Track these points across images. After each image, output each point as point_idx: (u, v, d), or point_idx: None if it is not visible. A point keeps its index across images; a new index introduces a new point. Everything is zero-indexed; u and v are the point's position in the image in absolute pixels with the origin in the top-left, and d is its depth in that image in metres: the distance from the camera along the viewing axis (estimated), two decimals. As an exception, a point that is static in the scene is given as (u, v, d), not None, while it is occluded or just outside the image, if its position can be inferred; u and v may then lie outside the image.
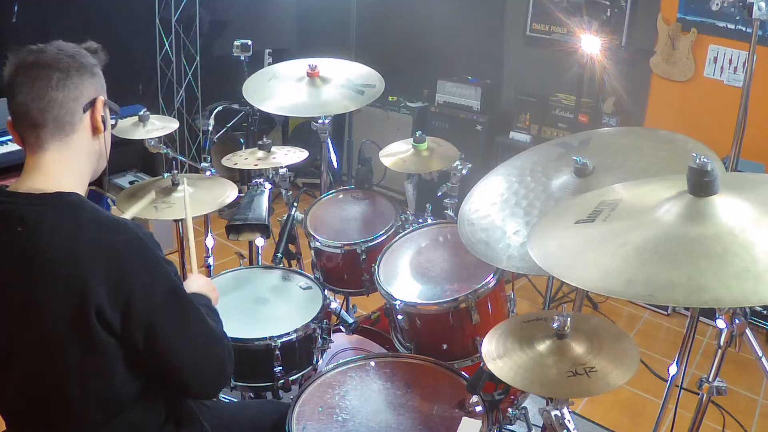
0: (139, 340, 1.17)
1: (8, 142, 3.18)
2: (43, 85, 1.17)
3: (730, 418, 2.62)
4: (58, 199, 1.17)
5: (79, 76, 1.21)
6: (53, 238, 1.13)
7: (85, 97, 1.23)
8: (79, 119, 1.23)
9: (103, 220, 1.18)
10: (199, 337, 1.26)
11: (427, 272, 1.91)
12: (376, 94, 2.33)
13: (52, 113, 1.19)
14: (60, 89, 1.19)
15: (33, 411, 1.24)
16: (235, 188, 2.08)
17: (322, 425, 1.49)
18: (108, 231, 1.16)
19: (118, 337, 1.17)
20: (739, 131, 2.04)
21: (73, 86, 1.20)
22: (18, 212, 1.15)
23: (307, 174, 4.29)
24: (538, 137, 3.85)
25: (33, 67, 1.18)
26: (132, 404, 1.26)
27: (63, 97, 1.19)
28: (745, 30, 3.22)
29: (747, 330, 1.44)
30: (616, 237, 1.10)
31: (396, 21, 4.28)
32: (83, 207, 1.18)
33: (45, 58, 1.19)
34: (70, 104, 1.20)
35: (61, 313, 1.13)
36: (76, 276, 1.12)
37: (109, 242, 1.15)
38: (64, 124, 1.20)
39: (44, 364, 1.18)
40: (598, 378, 1.25)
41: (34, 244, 1.13)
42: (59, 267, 1.12)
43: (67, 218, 1.15)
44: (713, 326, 2.45)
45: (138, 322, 1.16)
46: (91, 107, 1.24)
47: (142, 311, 1.16)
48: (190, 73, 4.29)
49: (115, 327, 1.15)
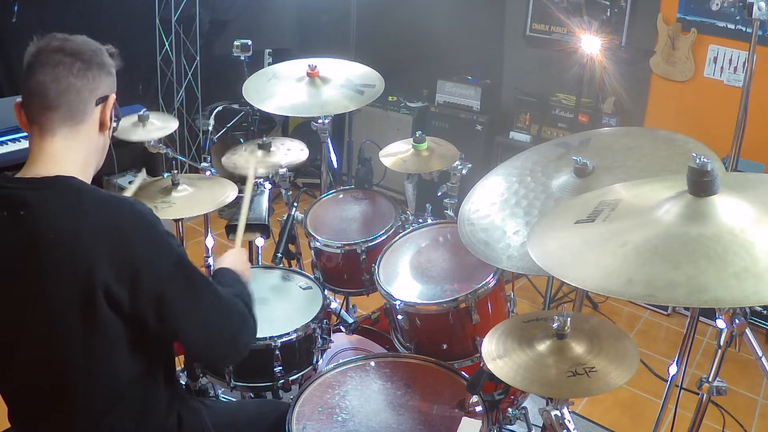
0: (150, 314, 1.19)
1: (8, 142, 3.18)
2: (66, 70, 1.21)
3: (730, 418, 2.62)
4: (59, 182, 1.19)
5: (98, 70, 1.25)
6: (57, 221, 1.15)
7: (100, 91, 1.26)
8: (91, 110, 1.26)
9: (104, 198, 1.20)
10: (208, 307, 1.28)
11: (427, 272, 1.91)
12: (376, 94, 2.33)
13: (67, 98, 1.22)
14: (80, 77, 1.22)
15: (36, 397, 1.25)
16: (235, 188, 2.07)
17: (322, 425, 1.49)
18: (109, 209, 1.19)
19: (125, 316, 1.18)
20: (739, 131, 2.04)
21: (92, 77, 1.24)
22: (21, 197, 1.17)
23: (307, 174, 4.29)
24: (538, 137, 3.85)
25: (58, 52, 1.21)
26: (133, 396, 1.27)
27: (81, 85, 1.22)
28: (745, 30, 3.22)
29: (747, 330, 1.44)
30: (616, 237, 1.10)
31: (396, 21, 4.28)
32: (84, 189, 1.20)
33: (71, 45, 1.23)
34: (86, 94, 1.24)
35: (67, 295, 1.15)
36: (82, 257, 1.13)
37: (111, 220, 1.17)
38: (76, 112, 1.23)
39: (48, 349, 1.19)
40: (598, 378, 1.25)
41: (38, 227, 1.15)
42: (64, 249, 1.14)
43: (69, 200, 1.17)
44: (713, 326, 2.45)
45: (147, 297, 1.18)
46: (103, 102, 1.27)
47: (149, 285, 1.17)
48: (190, 73, 4.29)
49: (124, 304, 1.16)
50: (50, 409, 1.26)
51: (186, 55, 4.26)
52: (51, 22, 3.51)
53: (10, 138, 3.20)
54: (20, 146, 3.16)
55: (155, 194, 2.00)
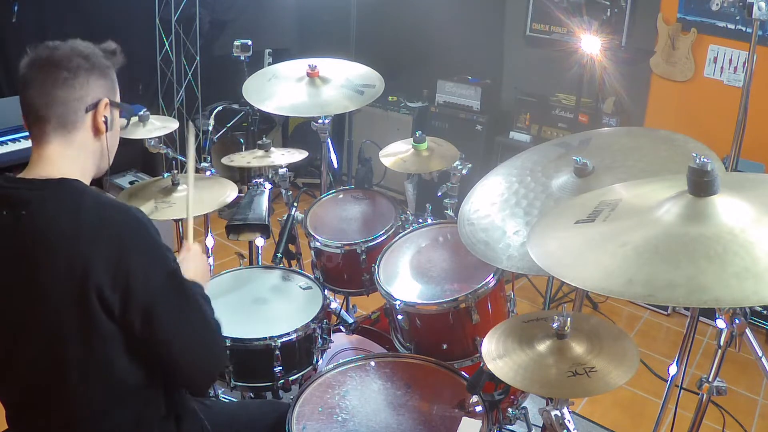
0: (137, 323, 1.19)
1: (8, 142, 3.19)
2: (50, 83, 1.21)
3: (730, 418, 2.62)
4: (62, 184, 1.20)
5: (86, 76, 1.24)
6: (56, 221, 1.15)
7: (90, 98, 1.25)
8: (82, 118, 1.25)
9: (105, 202, 1.21)
10: (194, 324, 1.27)
11: (427, 272, 1.91)
12: (376, 94, 2.32)
13: (55, 110, 1.22)
14: (65, 88, 1.22)
15: (33, 399, 1.25)
16: (235, 188, 2.08)
17: (322, 425, 1.49)
18: (109, 212, 1.19)
19: (116, 321, 1.18)
20: (739, 131, 2.04)
21: (78, 86, 1.23)
22: (22, 196, 1.17)
23: (307, 174, 4.29)
24: (538, 137, 3.85)
25: (45, 64, 1.22)
26: (132, 397, 1.27)
27: (67, 96, 1.22)
28: (745, 30, 3.22)
29: (747, 330, 1.44)
30: (616, 237, 1.10)
31: (396, 21, 4.28)
32: (85, 191, 1.21)
33: (57, 55, 1.22)
34: (73, 103, 1.23)
35: (64, 296, 1.15)
36: (78, 257, 1.13)
37: (110, 223, 1.17)
38: (66, 122, 1.24)
39: (46, 350, 1.19)
40: (598, 378, 1.25)
41: (37, 226, 1.15)
42: (62, 248, 1.14)
43: (69, 201, 1.18)
44: (713, 326, 2.45)
45: (136, 305, 1.17)
46: (94, 108, 1.27)
47: (140, 293, 1.17)
48: (190, 73, 4.29)
49: (115, 309, 1.16)
50: (49, 409, 1.25)
51: (186, 55, 4.26)
52: (51, 22, 3.51)
53: (10, 138, 3.20)
54: (20, 146, 3.16)
55: (155, 194, 2.00)
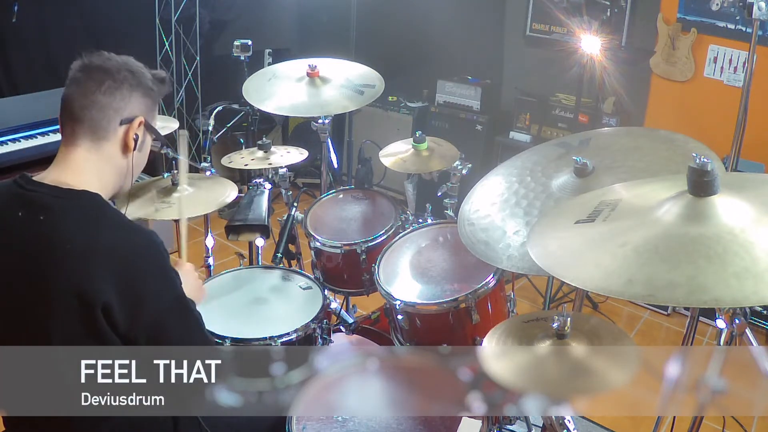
0: (141, 341, 1.20)
1: (8, 142, 3.19)
2: (93, 86, 1.25)
3: (730, 418, 2.61)
4: (84, 197, 1.21)
5: (130, 91, 1.28)
6: (74, 233, 1.16)
7: (127, 112, 1.28)
8: (114, 129, 1.28)
9: (124, 223, 1.23)
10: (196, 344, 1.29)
11: (427, 272, 1.91)
12: (376, 94, 2.32)
13: (90, 113, 1.25)
14: (107, 95, 1.25)
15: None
16: (235, 188, 2.07)
17: (321, 425, 1.48)
18: (126, 233, 1.21)
19: (120, 335, 1.19)
20: (739, 131, 2.04)
21: (120, 97, 1.26)
22: (43, 201, 1.18)
23: (307, 174, 4.29)
24: (538, 137, 3.85)
25: (94, 69, 1.26)
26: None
27: (106, 103, 1.25)
28: (745, 30, 3.22)
29: (747, 330, 1.44)
30: (616, 237, 1.10)
31: (396, 21, 4.28)
32: (106, 208, 1.23)
33: (108, 64, 1.27)
34: (110, 112, 1.26)
35: (68, 306, 1.15)
36: (90, 272, 1.14)
37: (126, 244, 1.18)
38: (98, 128, 1.26)
39: (45, 351, 1.19)
40: (598, 378, 1.25)
41: (54, 234, 1.16)
42: (75, 260, 1.15)
43: (90, 216, 1.19)
44: (713, 326, 2.45)
45: (144, 325, 1.19)
46: (128, 123, 1.29)
47: (149, 314, 1.19)
48: (190, 73, 4.29)
49: (120, 326, 1.17)
50: (46, 417, 1.25)
51: (186, 55, 4.26)
52: (51, 22, 3.51)
53: (10, 138, 3.20)
54: (20, 146, 3.16)
55: (155, 194, 2.00)
